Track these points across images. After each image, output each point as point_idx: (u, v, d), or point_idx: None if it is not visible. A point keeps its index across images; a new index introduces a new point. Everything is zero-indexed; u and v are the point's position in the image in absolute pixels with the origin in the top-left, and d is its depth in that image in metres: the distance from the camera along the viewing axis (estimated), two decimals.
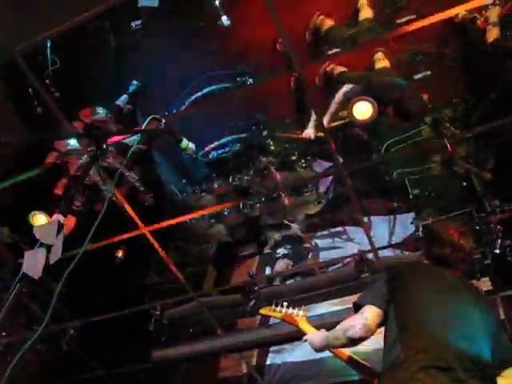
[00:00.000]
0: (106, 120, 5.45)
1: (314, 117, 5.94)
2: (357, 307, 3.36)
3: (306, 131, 6.03)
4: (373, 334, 3.24)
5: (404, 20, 5.58)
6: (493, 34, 5.12)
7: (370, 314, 3.22)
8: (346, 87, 5.73)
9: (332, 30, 6.02)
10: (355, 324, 3.21)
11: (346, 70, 6.01)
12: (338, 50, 5.76)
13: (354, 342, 3.23)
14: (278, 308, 4.03)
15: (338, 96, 5.76)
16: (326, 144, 5.28)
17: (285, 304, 4.02)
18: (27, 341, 2.05)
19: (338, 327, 3.36)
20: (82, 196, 5.84)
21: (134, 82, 6.42)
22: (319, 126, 5.80)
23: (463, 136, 5.68)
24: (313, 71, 6.08)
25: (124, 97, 6.36)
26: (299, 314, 3.92)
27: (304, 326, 3.85)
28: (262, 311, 4.18)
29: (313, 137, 6.00)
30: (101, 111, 5.32)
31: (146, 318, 6.84)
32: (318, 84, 6.16)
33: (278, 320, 5.84)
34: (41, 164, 5.53)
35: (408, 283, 3.30)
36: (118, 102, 6.29)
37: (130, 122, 6.20)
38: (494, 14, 5.17)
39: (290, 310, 3.97)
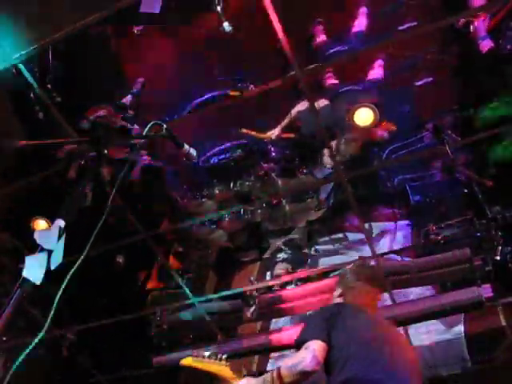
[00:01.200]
0: (109, 113, 5.48)
1: (286, 120, 6.07)
2: (299, 344, 3.34)
3: (270, 132, 6.14)
4: (320, 368, 3.25)
5: (405, 26, 5.60)
6: (486, 45, 5.17)
7: (317, 347, 3.21)
8: (301, 105, 5.87)
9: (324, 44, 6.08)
10: (305, 357, 3.18)
11: (337, 82, 6.08)
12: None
13: (305, 375, 3.19)
14: (200, 358, 3.95)
15: (293, 111, 5.92)
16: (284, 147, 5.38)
17: (206, 353, 3.95)
18: (28, 346, 2.05)
19: (280, 367, 3.30)
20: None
21: (139, 80, 6.39)
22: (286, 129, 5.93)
23: (464, 142, 5.69)
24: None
25: (129, 96, 6.34)
26: (223, 363, 3.84)
27: (229, 375, 3.80)
28: (183, 362, 4.08)
29: (273, 137, 6.11)
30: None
31: (146, 323, 6.83)
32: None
33: (279, 326, 5.86)
34: (41, 168, 5.54)
35: (344, 320, 3.35)
36: (122, 101, 6.28)
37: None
38: (481, 27, 5.21)
39: (213, 360, 3.88)
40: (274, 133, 6.17)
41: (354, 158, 6.03)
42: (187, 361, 4.03)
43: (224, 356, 3.90)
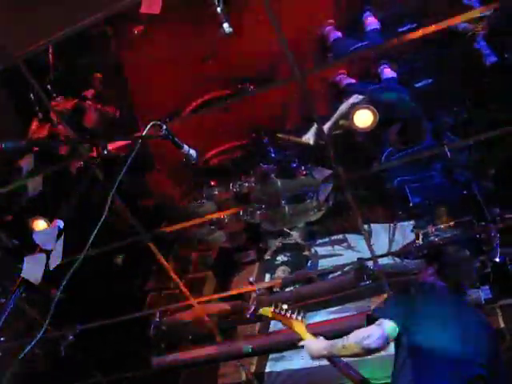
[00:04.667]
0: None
1: (315, 124, 5.97)
2: (371, 319, 3.34)
3: (306, 136, 6.06)
4: (386, 348, 3.24)
5: (406, 28, 5.60)
6: (490, 59, 5.20)
7: (388, 327, 3.22)
8: (355, 98, 5.76)
9: (338, 41, 6.04)
10: (373, 334, 3.21)
11: (353, 81, 6.04)
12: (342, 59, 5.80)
13: (369, 351, 3.23)
14: (278, 310, 4.04)
15: (345, 105, 5.80)
16: (326, 151, 5.30)
17: (285, 307, 4.03)
18: (26, 346, 2.05)
19: (349, 336, 3.34)
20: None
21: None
22: (319, 133, 5.83)
23: (464, 144, 5.69)
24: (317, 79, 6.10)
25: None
26: (299, 319, 3.93)
27: (302, 331, 3.86)
28: (262, 311, 4.20)
29: (312, 142, 6.05)
30: None
31: (145, 324, 6.83)
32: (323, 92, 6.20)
33: (278, 327, 5.86)
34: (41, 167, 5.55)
35: (421, 308, 3.33)
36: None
37: (130, 128, 6.21)
38: (483, 43, 5.25)
39: (290, 314, 3.98)
40: (309, 137, 6.13)
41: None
42: (266, 311, 4.16)
43: (302, 313, 3.96)
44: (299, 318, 3.93)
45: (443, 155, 5.36)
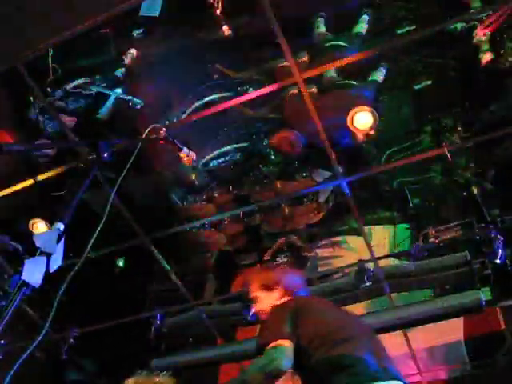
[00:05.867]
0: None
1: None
2: (263, 346, 2.97)
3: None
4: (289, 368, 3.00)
5: (405, 30, 5.60)
6: (486, 56, 5.19)
7: (286, 345, 2.89)
8: None
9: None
10: (277, 357, 2.82)
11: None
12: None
13: (277, 375, 2.82)
14: (143, 379, 3.65)
15: None
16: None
17: (145, 373, 3.70)
18: (26, 349, 2.05)
19: (247, 369, 2.95)
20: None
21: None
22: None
23: (463, 146, 5.69)
24: None
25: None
26: (166, 379, 3.54)
27: None
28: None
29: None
30: None
31: (145, 326, 6.83)
32: None
33: None
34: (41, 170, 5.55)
35: (309, 308, 3.21)
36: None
37: (130, 131, 6.21)
38: (483, 39, 5.23)
39: (157, 380, 3.59)
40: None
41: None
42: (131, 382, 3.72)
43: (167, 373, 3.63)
44: (166, 377, 3.54)
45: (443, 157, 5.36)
